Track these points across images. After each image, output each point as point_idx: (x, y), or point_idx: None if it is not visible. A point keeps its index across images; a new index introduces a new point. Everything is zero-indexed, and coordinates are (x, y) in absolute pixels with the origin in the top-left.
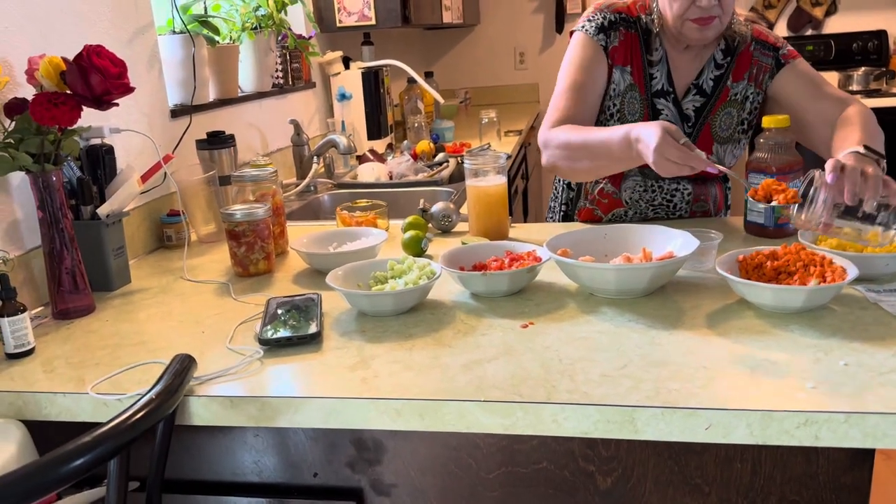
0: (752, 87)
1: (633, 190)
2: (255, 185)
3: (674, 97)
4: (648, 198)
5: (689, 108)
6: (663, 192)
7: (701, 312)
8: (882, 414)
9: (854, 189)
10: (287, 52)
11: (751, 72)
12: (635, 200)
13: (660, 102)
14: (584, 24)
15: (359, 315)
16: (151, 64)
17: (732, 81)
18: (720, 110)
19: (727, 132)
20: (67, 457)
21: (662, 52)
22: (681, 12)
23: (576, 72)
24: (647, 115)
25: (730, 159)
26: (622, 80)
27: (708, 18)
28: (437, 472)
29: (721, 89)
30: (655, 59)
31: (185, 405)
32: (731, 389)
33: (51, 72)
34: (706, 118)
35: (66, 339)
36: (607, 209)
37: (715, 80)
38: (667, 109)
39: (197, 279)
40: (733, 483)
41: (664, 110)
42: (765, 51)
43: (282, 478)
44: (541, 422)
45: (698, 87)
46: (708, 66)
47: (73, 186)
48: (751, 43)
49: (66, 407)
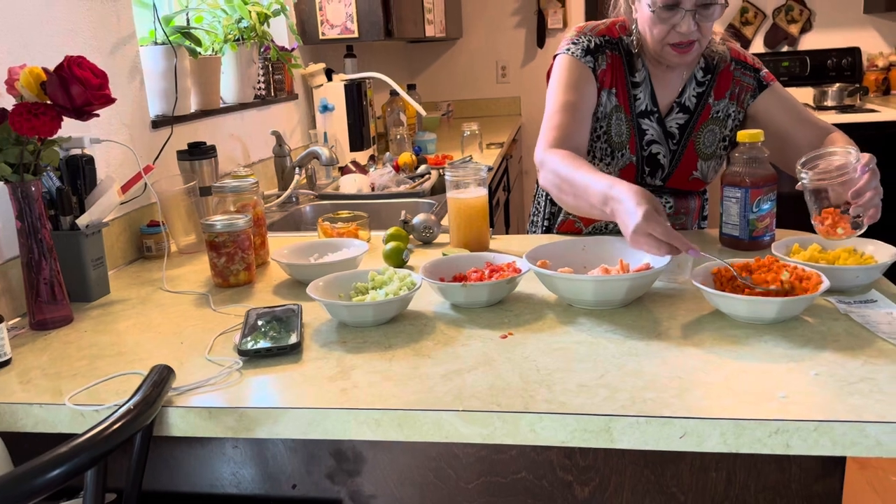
0: (733, 105)
1: None
2: (236, 196)
3: (658, 116)
4: None
5: (673, 126)
6: None
7: (676, 323)
8: (851, 422)
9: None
10: (269, 64)
11: (732, 90)
12: None
13: (644, 122)
14: (570, 46)
15: (339, 326)
16: (133, 75)
17: (714, 99)
18: (703, 127)
19: (710, 149)
20: (43, 468)
21: (645, 73)
22: (661, 37)
23: (566, 92)
24: (633, 136)
25: (712, 175)
26: (608, 103)
27: (688, 44)
28: (416, 483)
29: (703, 106)
30: (639, 80)
31: (163, 416)
32: (705, 399)
33: (31, 82)
34: (690, 135)
35: (44, 350)
36: (588, 221)
37: (697, 97)
38: (651, 129)
39: (176, 290)
40: (708, 492)
41: (649, 130)
42: (745, 71)
43: (260, 489)
44: (519, 431)
45: (681, 105)
46: (689, 84)
47: (53, 197)
48: (730, 63)
49: (42, 418)
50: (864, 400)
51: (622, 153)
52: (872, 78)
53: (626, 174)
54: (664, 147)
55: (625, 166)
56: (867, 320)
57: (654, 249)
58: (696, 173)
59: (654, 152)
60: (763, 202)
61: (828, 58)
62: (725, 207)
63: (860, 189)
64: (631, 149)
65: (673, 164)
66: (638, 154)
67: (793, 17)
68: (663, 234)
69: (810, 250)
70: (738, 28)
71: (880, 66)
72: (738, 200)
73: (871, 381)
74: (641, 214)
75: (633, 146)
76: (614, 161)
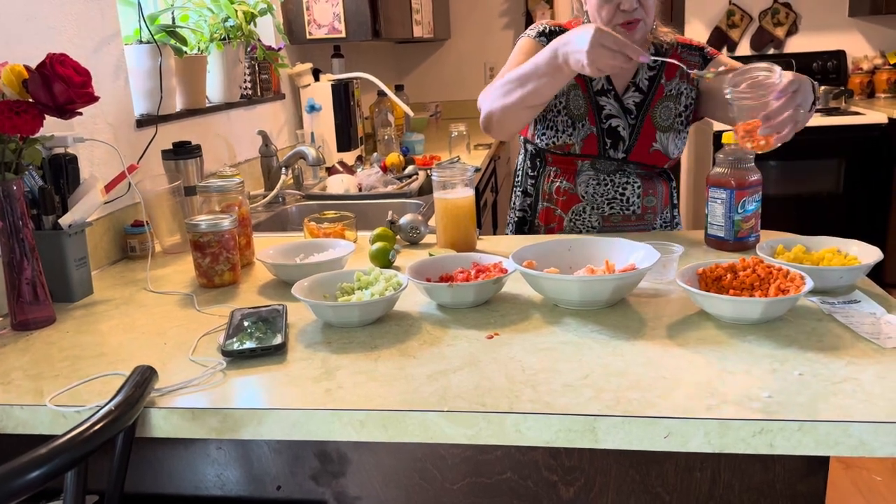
0: (684, 84)
1: (588, 184)
2: (221, 196)
3: (615, 94)
4: (602, 191)
5: (630, 103)
6: (615, 185)
7: (661, 323)
8: (834, 422)
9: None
10: (256, 64)
11: (681, 70)
12: (591, 195)
13: (602, 99)
14: (528, 31)
15: (325, 326)
16: (117, 73)
17: (666, 80)
18: (658, 104)
19: (667, 122)
20: (22, 469)
21: None
22: (609, 18)
23: (515, 62)
24: (591, 110)
25: (672, 148)
26: None
27: (633, 21)
28: (401, 484)
29: (656, 87)
30: None
31: (145, 417)
32: (689, 399)
33: (13, 80)
34: (647, 111)
35: (25, 351)
36: (566, 206)
37: (650, 80)
38: (609, 105)
39: (160, 290)
40: (693, 492)
41: (607, 105)
42: (691, 51)
43: (245, 491)
44: (504, 432)
45: (636, 86)
46: (642, 69)
47: (35, 196)
48: (676, 47)
49: (23, 420)
50: (847, 400)
51: (582, 124)
52: (857, 81)
53: (588, 144)
54: (623, 120)
55: (587, 136)
56: (851, 321)
57: (611, 59)
58: (655, 145)
59: (613, 125)
60: (748, 203)
61: (813, 61)
62: (711, 208)
63: (770, 113)
64: (591, 121)
65: (633, 137)
66: (598, 126)
67: (779, 19)
68: (615, 42)
69: (795, 251)
70: (725, 31)
71: (865, 70)
72: (724, 201)
73: (855, 381)
74: (592, 30)
75: (592, 118)
76: (576, 131)
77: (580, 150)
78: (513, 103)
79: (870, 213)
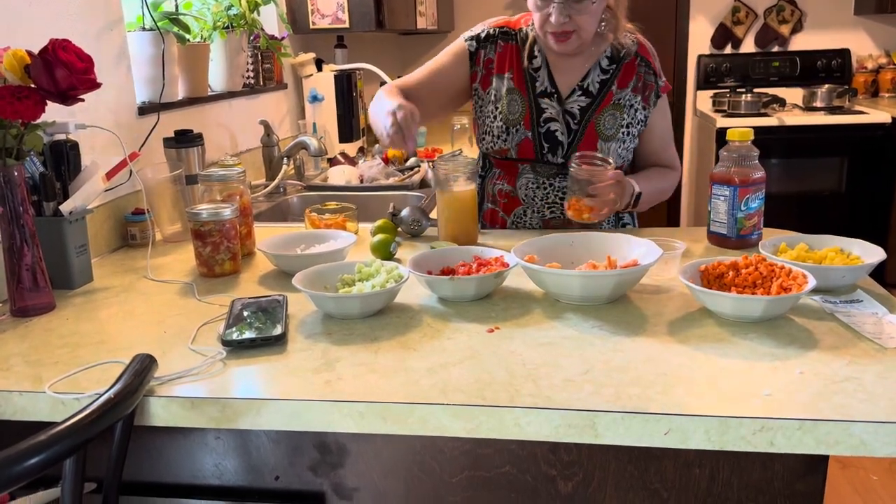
0: (637, 98)
1: (527, 187)
2: (223, 185)
3: (557, 97)
4: (542, 195)
5: (574, 107)
6: (555, 189)
7: (663, 320)
8: (835, 421)
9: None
10: (259, 53)
11: (636, 84)
12: (531, 198)
13: (544, 102)
14: (466, 34)
15: (325, 317)
16: (119, 60)
17: (617, 88)
18: (604, 111)
19: (611, 131)
20: (21, 455)
21: (542, 59)
22: (540, 25)
23: (435, 60)
24: (528, 114)
25: (615, 157)
26: (502, 86)
27: (563, 34)
28: (400, 476)
29: (606, 92)
30: (537, 65)
31: (144, 405)
32: (689, 395)
33: (15, 65)
34: (591, 117)
35: (24, 337)
36: (508, 209)
37: (601, 83)
38: (550, 108)
39: (160, 279)
40: (692, 488)
41: (548, 108)
42: (649, 71)
43: (243, 481)
44: (503, 426)
45: (583, 89)
46: (594, 70)
47: (36, 182)
48: (636, 58)
49: (21, 406)
50: (848, 399)
51: (517, 129)
52: (861, 80)
53: (524, 149)
54: (563, 125)
55: (521, 141)
56: (852, 320)
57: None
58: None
59: (551, 129)
60: (751, 201)
61: (818, 59)
62: (713, 205)
63: (596, 189)
64: (526, 125)
65: (574, 143)
66: (534, 130)
67: (784, 17)
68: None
69: (797, 249)
70: (729, 27)
71: (869, 69)
72: (727, 199)
73: (856, 380)
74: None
75: (528, 122)
76: (510, 137)
77: (516, 154)
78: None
79: (871, 213)
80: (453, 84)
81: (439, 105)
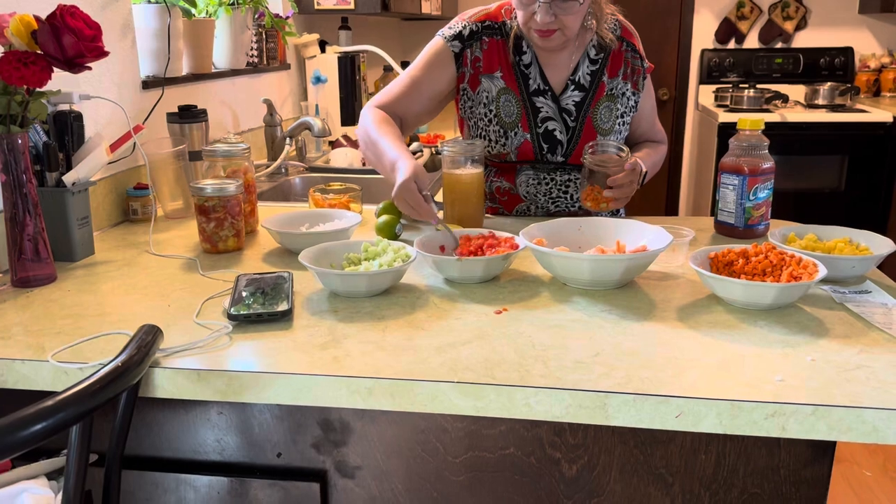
0: (627, 85)
1: (528, 184)
2: (227, 161)
3: (552, 94)
4: (544, 190)
5: (570, 104)
6: (557, 183)
7: (672, 306)
8: (847, 408)
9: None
10: (263, 31)
11: (625, 71)
12: (532, 194)
13: (539, 101)
14: (445, 31)
15: (331, 295)
16: (125, 32)
17: (608, 77)
18: (599, 104)
19: (608, 125)
20: (27, 420)
21: (531, 53)
22: (524, 21)
23: (416, 68)
24: (524, 116)
25: None
26: (493, 87)
27: (547, 31)
28: (403, 455)
29: (598, 84)
30: (527, 61)
31: (149, 377)
32: (700, 379)
33: (22, 30)
34: (587, 112)
35: (25, 308)
36: (509, 206)
37: (591, 74)
38: (546, 106)
39: (163, 254)
40: (697, 474)
41: (544, 107)
42: (636, 55)
43: (244, 457)
44: (513, 405)
45: (576, 83)
46: (583, 62)
47: (39, 152)
48: (621, 43)
49: (23, 374)
50: (860, 387)
51: (515, 132)
52: (864, 78)
53: (524, 151)
54: (560, 124)
55: (520, 144)
56: (862, 310)
57: (407, 209)
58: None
59: (549, 129)
60: (760, 190)
61: (821, 56)
62: (722, 194)
63: (616, 180)
64: (524, 127)
65: (573, 141)
66: (532, 132)
67: (788, 13)
68: (414, 202)
69: (806, 239)
70: (733, 22)
71: (872, 67)
72: (735, 188)
73: (868, 368)
74: (399, 184)
75: (525, 124)
76: (508, 141)
77: (516, 157)
78: (369, 159)
79: (870, 211)
80: (439, 89)
81: (427, 111)
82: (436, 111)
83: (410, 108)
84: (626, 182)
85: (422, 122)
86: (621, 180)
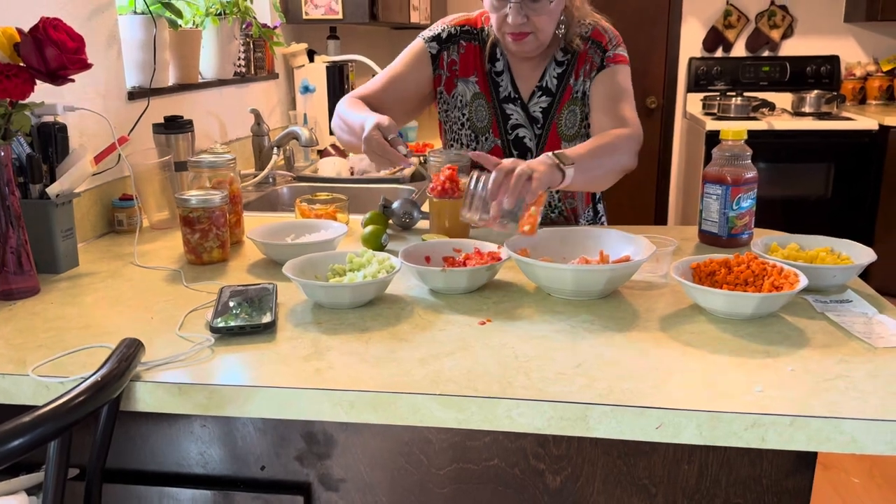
0: (587, 83)
1: None
2: (212, 172)
3: (521, 102)
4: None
5: (537, 111)
6: None
7: (654, 316)
8: (826, 418)
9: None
10: (251, 41)
11: (584, 68)
12: None
13: (509, 108)
14: (424, 33)
15: (315, 307)
16: (110, 43)
17: (574, 79)
18: (565, 108)
19: (572, 130)
20: (4, 437)
21: (504, 61)
22: (497, 25)
23: (396, 65)
24: (494, 121)
25: None
26: (467, 91)
27: (520, 34)
28: (387, 467)
29: (564, 87)
30: (500, 69)
31: (130, 391)
32: (681, 390)
33: (4, 43)
34: (553, 118)
35: (8, 321)
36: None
37: (558, 77)
38: (516, 114)
39: (148, 265)
40: (680, 484)
41: (513, 115)
42: (596, 49)
43: (228, 470)
44: (495, 417)
45: (543, 88)
46: (550, 67)
47: (22, 164)
48: (587, 42)
49: (3, 389)
50: (839, 397)
51: (486, 137)
52: (850, 87)
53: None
54: (529, 131)
55: (491, 149)
56: (843, 320)
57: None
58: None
59: (520, 136)
60: (743, 200)
61: (807, 65)
62: (705, 204)
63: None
64: (494, 133)
65: (540, 148)
66: (502, 138)
67: (775, 22)
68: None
69: (789, 249)
70: (720, 30)
71: (858, 76)
72: (719, 197)
73: (847, 378)
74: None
75: (496, 130)
76: (479, 145)
77: None
78: (343, 140)
79: (856, 219)
80: (416, 89)
81: (404, 111)
82: (412, 112)
83: (387, 103)
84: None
85: (399, 121)
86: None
